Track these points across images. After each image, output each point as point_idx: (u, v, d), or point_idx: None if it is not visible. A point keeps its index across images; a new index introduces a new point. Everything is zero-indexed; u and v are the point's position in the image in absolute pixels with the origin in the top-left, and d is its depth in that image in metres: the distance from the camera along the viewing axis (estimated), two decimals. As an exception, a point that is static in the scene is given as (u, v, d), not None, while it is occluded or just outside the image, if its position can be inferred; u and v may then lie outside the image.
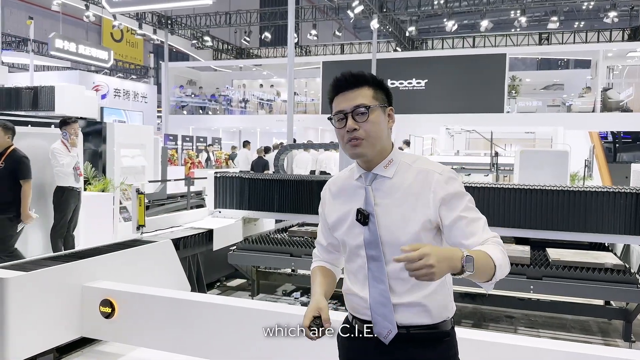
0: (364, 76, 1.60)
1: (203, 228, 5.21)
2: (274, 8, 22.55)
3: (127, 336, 3.54)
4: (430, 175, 1.55)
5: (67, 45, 17.86)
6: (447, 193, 1.53)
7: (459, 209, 1.52)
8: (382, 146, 1.58)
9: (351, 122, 1.54)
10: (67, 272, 3.50)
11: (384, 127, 1.59)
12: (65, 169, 5.67)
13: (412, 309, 1.54)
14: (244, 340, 3.14)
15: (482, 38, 22.91)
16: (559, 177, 7.10)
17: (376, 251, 1.55)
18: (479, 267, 1.37)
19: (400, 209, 1.54)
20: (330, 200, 1.71)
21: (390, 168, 1.58)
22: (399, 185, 1.56)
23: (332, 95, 1.62)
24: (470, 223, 1.51)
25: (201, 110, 24.89)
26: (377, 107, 1.57)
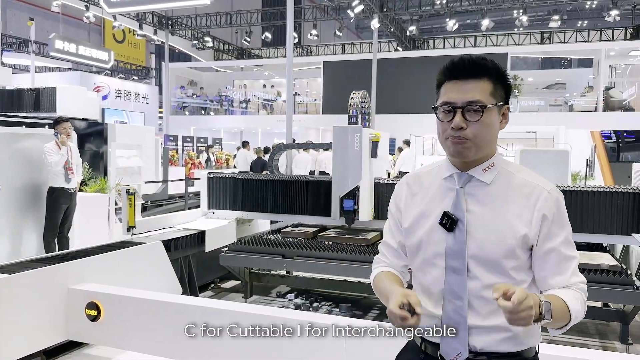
0: (486, 65, 1.36)
1: (195, 229, 5.17)
2: (275, 8, 22.52)
3: (113, 339, 3.49)
4: (537, 191, 1.36)
5: (67, 46, 17.88)
6: (552, 216, 1.35)
7: (558, 240, 1.36)
8: (488, 149, 1.38)
9: (460, 120, 1.33)
10: (53, 274, 3.46)
11: (496, 130, 1.39)
12: (54, 167, 5.64)
13: (494, 334, 1.35)
14: (234, 344, 3.09)
15: (483, 37, 22.82)
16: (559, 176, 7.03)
17: (459, 263, 1.35)
18: (556, 316, 1.25)
19: (495, 220, 1.35)
20: (409, 197, 1.48)
21: (489, 173, 1.38)
22: (497, 193, 1.37)
23: (442, 79, 1.41)
24: (564, 260, 1.36)
25: (202, 110, 24.90)
26: (494, 106, 1.35)
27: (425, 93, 19.56)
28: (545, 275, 1.38)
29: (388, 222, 1.57)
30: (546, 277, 1.38)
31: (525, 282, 1.39)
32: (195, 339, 3.24)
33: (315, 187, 5.25)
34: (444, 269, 1.38)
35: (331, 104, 21.64)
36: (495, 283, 1.26)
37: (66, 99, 7.20)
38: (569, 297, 1.31)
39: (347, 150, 4.72)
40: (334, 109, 21.39)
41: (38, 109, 7.07)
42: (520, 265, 1.38)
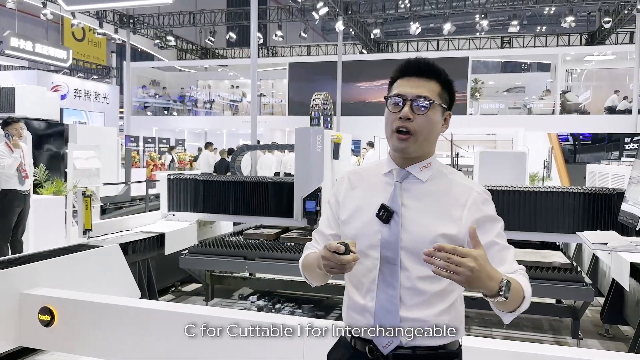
0: (437, 69, 1.48)
1: (154, 232, 5.08)
2: (239, 8, 22.35)
3: (68, 345, 3.41)
4: (467, 192, 1.44)
5: (24, 44, 17.27)
6: (483, 215, 1.43)
7: (493, 234, 1.43)
8: (427, 148, 1.47)
9: (407, 110, 1.42)
10: (4, 278, 3.35)
11: (437, 130, 1.48)
12: (7, 170, 5.48)
13: (415, 327, 1.41)
14: (191, 347, 3.06)
15: (445, 41, 23.27)
16: (517, 177, 7.24)
17: (393, 253, 1.42)
18: (512, 295, 1.29)
19: (427, 216, 1.42)
20: (349, 190, 1.55)
21: (425, 171, 1.47)
22: (431, 191, 1.45)
23: (396, 75, 1.50)
24: (502, 250, 1.43)
25: (165, 111, 24.48)
26: (439, 106, 1.46)
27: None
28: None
29: (325, 213, 1.63)
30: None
31: None
32: (152, 342, 3.20)
33: (277, 189, 5.25)
34: (376, 260, 1.43)
35: (297, 106, 21.64)
36: (424, 275, 1.37)
37: (25, 99, 6.99)
38: (520, 279, 1.38)
39: (309, 152, 4.74)
40: (300, 111, 21.39)
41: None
42: None
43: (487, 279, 1.24)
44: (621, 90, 18.29)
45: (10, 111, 7.14)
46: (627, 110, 17.17)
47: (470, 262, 1.21)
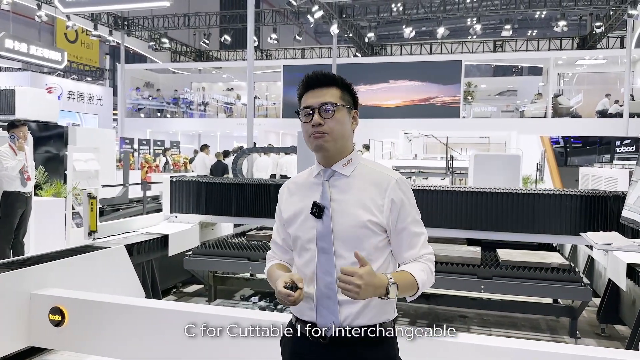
0: (333, 77, 1.67)
1: (158, 233, 5.13)
2: (234, 11, 22.40)
3: (78, 345, 3.45)
4: (387, 180, 1.63)
5: (18, 45, 17.19)
6: (400, 200, 1.61)
7: (408, 220, 1.62)
8: (343, 145, 1.65)
9: (317, 117, 1.60)
10: (15, 279, 3.39)
11: (348, 127, 1.66)
12: (10, 172, 5.50)
13: (352, 308, 1.58)
14: (199, 346, 3.12)
15: (439, 45, 23.45)
16: (511, 180, 7.35)
17: (327, 244, 1.60)
18: (401, 292, 1.51)
19: (354, 206, 1.60)
20: (288, 197, 1.75)
21: (348, 167, 1.65)
22: (355, 184, 1.63)
23: (301, 91, 1.69)
24: (414, 236, 1.62)
25: (159, 113, 24.43)
26: (343, 107, 1.65)
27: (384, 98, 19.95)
28: (400, 250, 1.65)
29: (275, 223, 1.85)
30: (401, 252, 1.65)
31: (383, 257, 1.64)
32: (160, 341, 3.25)
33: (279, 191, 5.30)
34: (315, 252, 1.62)
35: (291, 108, 21.69)
36: (355, 261, 1.52)
37: (25, 101, 7.00)
38: (417, 271, 1.58)
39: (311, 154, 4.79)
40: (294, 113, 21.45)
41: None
42: (378, 243, 1.62)
43: (374, 289, 1.45)
44: (612, 94, 18.54)
45: (10, 113, 7.15)
46: (618, 114, 17.41)
47: (357, 280, 1.42)
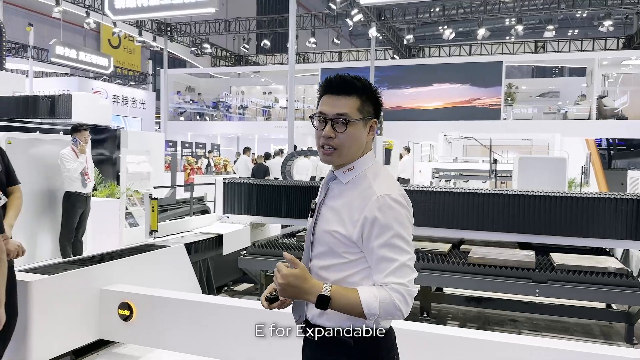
0: (355, 85, 1.57)
1: (213, 233, 5.30)
2: (273, 16, 22.72)
3: (144, 338, 3.62)
4: (369, 196, 1.53)
5: (68, 51, 17.93)
6: (373, 219, 1.50)
7: (378, 242, 1.50)
8: (352, 156, 1.59)
9: (329, 130, 1.56)
10: (87, 275, 3.58)
11: (361, 140, 1.60)
12: (72, 174, 5.75)
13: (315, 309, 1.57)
14: (260, 342, 3.23)
15: (478, 46, 23.16)
16: (557, 183, 7.24)
17: (308, 242, 1.65)
18: (338, 307, 1.48)
19: (332, 214, 1.58)
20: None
21: (348, 174, 1.60)
22: (346, 192, 1.59)
23: (321, 93, 1.62)
24: (382, 261, 1.49)
25: (199, 116, 24.98)
26: (359, 120, 1.57)
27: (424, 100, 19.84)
28: (372, 271, 1.55)
29: None
30: (372, 273, 1.55)
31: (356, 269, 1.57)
32: (224, 337, 3.38)
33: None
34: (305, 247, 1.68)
35: (328, 111, 21.79)
36: (324, 265, 1.57)
37: (81, 106, 7.32)
38: (367, 293, 1.47)
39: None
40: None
41: (53, 115, 7.18)
42: (351, 255, 1.57)
43: (301, 293, 1.48)
44: (660, 95, 17.93)
45: (67, 117, 7.49)
46: (666, 115, 16.82)
47: (278, 279, 1.48)
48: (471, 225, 4.78)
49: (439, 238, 5.00)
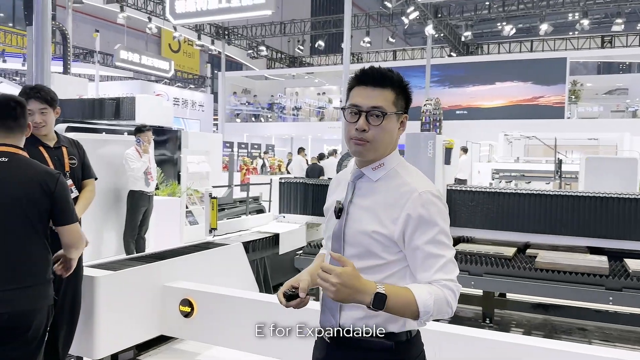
0: (391, 77, 1.53)
1: (269, 232, 5.33)
2: (327, 17, 22.79)
3: (204, 335, 3.66)
4: (409, 192, 1.48)
5: (131, 56, 18.71)
6: (418, 216, 1.46)
7: (424, 239, 1.46)
8: (384, 152, 1.55)
9: (363, 122, 1.50)
10: (150, 272, 3.67)
11: (394, 135, 1.56)
12: (136, 173, 5.94)
13: (354, 313, 1.51)
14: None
15: (540, 42, 22.29)
16: (627, 185, 6.81)
17: (338, 245, 1.55)
18: (393, 307, 1.38)
19: (367, 213, 1.51)
20: (331, 193, 1.72)
21: (378, 171, 1.55)
22: (378, 190, 1.53)
23: (353, 84, 1.56)
24: (428, 257, 1.46)
25: (254, 118, 25.42)
26: (394, 114, 1.52)
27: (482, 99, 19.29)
28: (414, 270, 1.49)
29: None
30: (415, 272, 1.49)
31: (395, 269, 1.51)
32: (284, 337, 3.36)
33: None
34: (328, 249, 1.59)
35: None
36: (360, 267, 1.44)
37: (144, 108, 7.57)
38: (421, 291, 1.40)
39: (420, 157, 4.76)
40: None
41: (118, 117, 7.47)
42: (390, 255, 1.50)
43: (355, 293, 1.36)
44: None
45: (131, 119, 7.76)
46: None
47: (332, 279, 1.34)
48: (538, 229, 4.56)
49: (503, 241, 4.79)
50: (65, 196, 2.34)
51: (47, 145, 2.96)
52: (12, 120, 2.27)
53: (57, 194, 2.30)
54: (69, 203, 2.36)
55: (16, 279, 2.15)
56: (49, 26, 4.67)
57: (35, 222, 2.22)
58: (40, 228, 2.25)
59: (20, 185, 2.20)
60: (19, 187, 2.20)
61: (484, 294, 4.50)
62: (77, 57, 22.47)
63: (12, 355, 2.19)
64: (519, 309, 4.76)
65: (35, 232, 2.22)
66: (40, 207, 2.25)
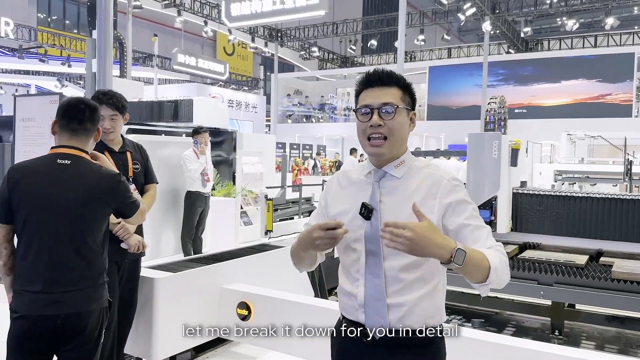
0: (396, 77, 1.63)
1: (325, 235, 5.23)
2: (379, 16, 22.56)
3: (261, 339, 3.61)
4: (438, 181, 1.58)
5: (188, 59, 19.18)
6: (453, 200, 1.56)
7: (464, 216, 1.55)
8: (400, 148, 1.63)
9: (377, 118, 1.57)
10: (208, 273, 3.66)
11: (406, 130, 1.63)
12: (193, 174, 6.02)
13: (399, 311, 1.57)
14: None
15: (604, 37, 21.17)
16: None
17: (375, 246, 1.57)
18: (470, 263, 1.41)
19: (403, 209, 1.55)
20: (338, 190, 1.73)
21: (400, 168, 1.62)
22: (406, 186, 1.60)
23: (360, 89, 1.65)
24: (475, 230, 1.55)
25: (305, 118, 25.53)
26: (404, 108, 1.61)
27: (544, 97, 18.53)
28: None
29: (316, 210, 1.84)
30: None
31: (432, 260, 1.52)
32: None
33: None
34: (360, 252, 1.60)
35: (436, 110, 21.20)
36: (403, 264, 1.54)
37: (201, 110, 7.71)
38: (487, 252, 1.48)
39: (484, 158, 4.55)
40: (439, 115, 20.92)
41: (177, 119, 7.65)
42: None
43: (434, 247, 1.37)
44: None
45: (189, 120, 7.92)
46: None
47: (407, 233, 1.35)
48: (612, 235, 4.26)
49: (573, 248, 4.50)
50: (127, 194, 2.37)
51: (113, 150, 3.00)
52: (77, 123, 2.27)
53: (119, 195, 2.31)
54: (131, 197, 2.39)
55: (71, 281, 2.17)
56: (111, 32, 4.80)
57: (92, 225, 2.23)
58: (97, 231, 2.25)
59: (81, 188, 2.21)
60: (79, 190, 2.20)
61: (553, 304, 4.24)
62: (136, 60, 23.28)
63: (70, 357, 2.21)
64: (591, 320, 4.46)
65: (92, 234, 2.23)
66: (99, 211, 2.25)
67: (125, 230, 2.76)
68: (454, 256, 1.38)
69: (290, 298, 3.52)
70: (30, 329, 2.13)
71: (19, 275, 2.19)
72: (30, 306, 2.13)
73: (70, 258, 2.17)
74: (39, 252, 2.15)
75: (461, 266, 1.40)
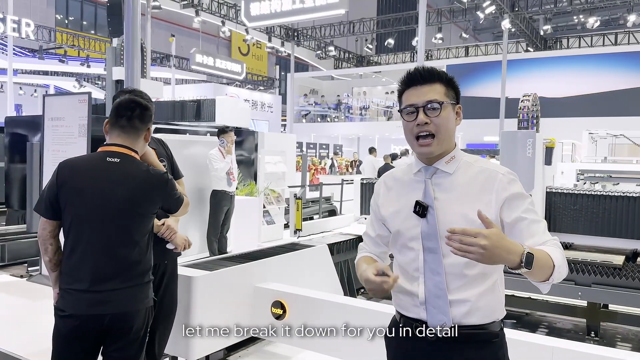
0: (437, 72, 1.61)
1: (352, 234, 5.22)
2: (396, 14, 22.46)
3: (296, 338, 3.59)
4: (493, 176, 1.56)
5: (206, 59, 19.26)
6: (510, 194, 1.54)
7: (520, 210, 1.54)
8: (448, 143, 1.60)
9: (422, 116, 1.56)
10: (243, 272, 3.65)
11: (453, 125, 1.62)
12: (219, 173, 6.03)
13: (462, 307, 1.55)
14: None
15: (625, 34, 20.85)
16: None
17: (434, 243, 1.56)
18: (537, 265, 1.39)
19: (459, 205, 1.55)
20: (386, 192, 1.72)
21: (451, 164, 1.60)
22: (459, 182, 1.58)
23: (402, 88, 1.63)
24: (531, 224, 1.53)
25: (320, 118, 25.49)
26: (449, 104, 1.59)
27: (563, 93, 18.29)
28: (520, 241, 1.48)
29: (370, 216, 1.83)
30: (521, 242, 1.47)
31: None
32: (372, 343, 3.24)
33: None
34: (417, 251, 1.58)
35: (454, 109, 20.99)
36: (463, 261, 1.47)
37: (224, 109, 7.72)
38: (549, 249, 1.46)
39: (517, 157, 4.49)
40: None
41: (199, 118, 7.67)
42: None
43: (505, 253, 1.35)
44: None
45: (211, 120, 7.93)
46: None
47: (482, 241, 1.32)
48: (649, 235, 4.17)
49: (608, 248, 4.43)
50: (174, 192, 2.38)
51: None
52: (126, 120, 2.27)
53: (166, 194, 2.30)
54: (177, 193, 2.40)
55: (117, 280, 2.15)
56: (139, 35, 4.85)
57: (139, 223, 2.22)
58: (144, 230, 2.24)
59: (129, 186, 2.20)
60: (128, 189, 2.19)
61: (589, 305, 4.17)
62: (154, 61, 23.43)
63: (116, 356, 2.19)
64: (628, 322, 4.38)
65: (139, 233, 2.21)
66: (146, 209, 2.24)
67: (171, 230, 2.75)
68: (524, 260, 1.37)
69: (325, 297, 3.50)
70: (76, 329, 2.11)
71: (65, 273, 2.17)
72: (77, 305, 2.12)
73: (117, 256, 2.16)
74: (85, 249, 2.14)
75: (530, 270, 1.38)
